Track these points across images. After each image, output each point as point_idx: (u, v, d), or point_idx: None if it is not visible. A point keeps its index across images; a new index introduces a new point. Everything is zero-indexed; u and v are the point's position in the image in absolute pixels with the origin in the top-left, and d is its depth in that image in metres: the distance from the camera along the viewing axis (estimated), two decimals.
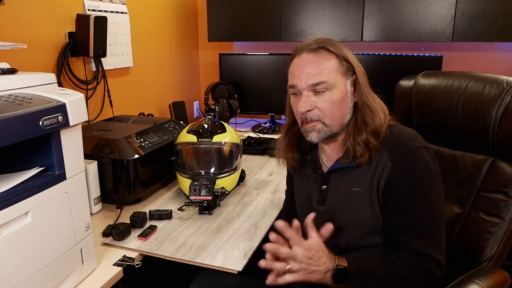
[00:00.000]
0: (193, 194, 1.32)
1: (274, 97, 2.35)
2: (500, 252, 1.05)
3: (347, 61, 0.97)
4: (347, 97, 0.98)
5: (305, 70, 0.98)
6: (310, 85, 0.97)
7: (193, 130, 1.47)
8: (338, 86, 0.97)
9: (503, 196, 1.06)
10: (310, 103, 0.97)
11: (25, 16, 1.43)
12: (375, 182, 0.96)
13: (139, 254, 1.12)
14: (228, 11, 2.31)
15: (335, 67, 0.97)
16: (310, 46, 0.99)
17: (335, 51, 0.97)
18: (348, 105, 0.99)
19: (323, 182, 1.06)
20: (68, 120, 0.88)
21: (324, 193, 1.06)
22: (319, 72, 0.96)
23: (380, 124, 0.97)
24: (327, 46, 0.98)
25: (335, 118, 0.98)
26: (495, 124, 1.05)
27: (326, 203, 1.05)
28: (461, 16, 1.91)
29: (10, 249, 0.79)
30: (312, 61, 0.98)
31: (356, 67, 0.98)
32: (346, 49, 1.00)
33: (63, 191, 0.91)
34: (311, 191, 1.09)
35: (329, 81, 0.96)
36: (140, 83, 2.13)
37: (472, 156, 1.13)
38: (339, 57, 0.97)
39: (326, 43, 0.99)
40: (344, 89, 0.97)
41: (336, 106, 0.97)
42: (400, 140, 0.96)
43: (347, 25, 2.10)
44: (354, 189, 0.99)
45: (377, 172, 0.95)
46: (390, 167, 0.94)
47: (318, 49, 0.98)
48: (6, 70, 0.90)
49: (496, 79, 1.09)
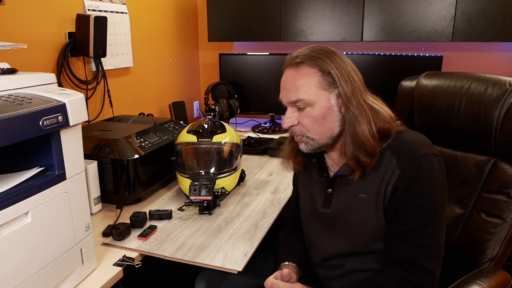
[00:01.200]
0: (193, 194, 1.31)
1: (274, 97, 2.31)
2: (501, 253, 1.05)
3: (330, 74, 0.94)
4: (331, 111, 0.96)
5: (286, 86, 1.00)
6: (289, 102, 0.99)
7: (193, 130, 1.47)
8: (319, 101, 0.95)
9: (504, 197, 1.06)
10: (292, 119, 1.00)
11: (25, 16, 1.43)
12: (382, 189, 0.95)
13: (139, 254, 1.12)
14: (228, 11, 2.31)
15: (315, 82, 0.95)
16: (293, 61, 0.98)
17: (317, 65, 0.95)
18: (334, 118, 0.97)
19: (328, 185, 1.06)
20: (68, 120, 0.88)
21: (329, 196, 1.05)
22: (297, 89, 0.96)
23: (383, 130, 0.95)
24: (308, 60, 0.95)
25: (319, 132, 0.98)
26: (497, 125, 1.05)
27: (331, 206, 1.04)
28: (461, 16, 1.91)
29: (10, 249, 0.79)
30: (291, 78, 0.98)
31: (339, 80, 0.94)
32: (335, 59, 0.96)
33: (63, 191, 0.91)
34: (316, 194, 1.09)
35: (307, 98, 0.95)
36: (140, 83, 2.12)
37: (474, 157, 1.13)
38: (321, 71, 0.95)
39: (309, 56, 0.96)
40: (327, 104, 0.95)
41: (318, 121, 0.97)
42: (409, 146, 0.95)
43: (347, 25, 2.10)
44: (360, 195, 0.98)
45: (385, 179, 0.94)
46: (398, 175, 0.92)
47: (299, 64, 0.97)
48: (6, 70, 0.90)
49: (499, 80, 1.08)
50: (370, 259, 1.00)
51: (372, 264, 1.00)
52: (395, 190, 0.93)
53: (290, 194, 1.50)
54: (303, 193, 1.16)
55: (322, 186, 1.07)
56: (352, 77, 0.96)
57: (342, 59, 0.97)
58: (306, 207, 1.13)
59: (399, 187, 0.92)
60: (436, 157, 0.94)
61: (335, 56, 0.97)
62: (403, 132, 0.99)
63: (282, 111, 1.04)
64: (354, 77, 0.96)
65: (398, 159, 0.93)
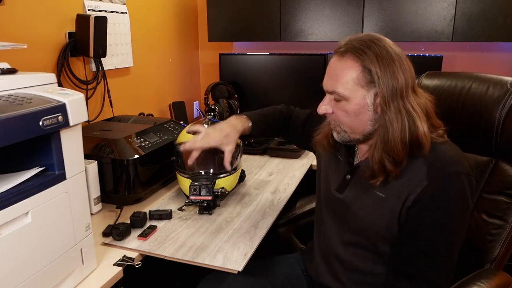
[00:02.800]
0: (193, 194, 1.31)
1: (274, 97, 2.35)
2: (502, 254, 1.04)
3: (371, 72, 0.89)
4: (365, 110, 0.92)
5: (328, 73, 0.97)
6: (327, 90, 0.97)
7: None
8: (354, 98, 0.92)
9: (506, 198, 1.06)
10: (327, 107, 0.98)
11: (25, 16, 1.43)
12: (404, 194, 0.91)
13: (139, 254, 1.12)
14: (228, 11, 2.31)
15: (353, 77, 0.91)
16: (340, 49, 0.93)
17: (360, 59, 0.90)
18: (367, 117, 0.93)
19: (349, 171, 1.04)
20: (68, 120, 0.88)
21: (346, 182, 1.04)
22: (336, 81, 0.93)
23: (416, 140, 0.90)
24: (353, 52, 0.90)
25: (351, 127, 0.96)
26: (499, 125, 1.04)
27: (344, 193, 1.03)
28: (461, 16, 1.91)
29: (10, 249, 0.79)
30: (334, 67, 0.95)
31: (379, 80, 0.88)
32: (382, 53, 0.89)
33: (63, 191, 0.91)
34: (335, 176, 1.08)
35: (343, 93, 0.92)
36: (140, 83, 2.12)
37: (475, 158, 1.13)
38: (363, 67, 0.90)
39: (355, 47, 0.91)
40: (362, 101, 0.92)
41: (351, 116, 0.94)
42: (443, 160, 0.90)
43: (347, 25, 2.10)
44: (377, 193, 0.96)
45: (410, 186, 0.90)
46: (425, 186, 0.89)
47: (344, 54, 0.92)
48: (6, 70, 0.89)
49: (500, 80, 1.08)
50: (374, 260, 1.00)
51: (376, 267, 1.00)
52: (417, 201, 0.90)
53: (290, 194, 1.51)
54: (321, 173, 1.16)
55: (343, 170, 1.06)
56: (396, 77, 0.89)
57: (391, 54, 0.90)
58: (321, 187, 1.14)
59: (422, 199, 0.89)
60: (468, 177, 0.90)
61: (384, 51, 0.90)
62: (441, 143, 0.94)
63: None
64: (399, 78, 0.89)
65: (429, 170, 0.89)
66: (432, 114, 0.95)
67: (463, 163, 0.91)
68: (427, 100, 0.95)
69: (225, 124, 1.21)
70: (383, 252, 0.98)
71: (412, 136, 0.89)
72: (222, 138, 1.17)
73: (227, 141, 1.18)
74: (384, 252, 0.98)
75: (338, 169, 1.08)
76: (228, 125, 1.20)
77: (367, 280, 1.01)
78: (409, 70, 0.92)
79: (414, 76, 0.94)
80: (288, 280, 1.18)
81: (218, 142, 1.17)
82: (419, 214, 0.90)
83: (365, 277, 1.02)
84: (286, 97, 2.29)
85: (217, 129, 1.19)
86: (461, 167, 0.90)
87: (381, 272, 1.00)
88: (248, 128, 1.24)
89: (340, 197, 1.04)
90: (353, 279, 1.04)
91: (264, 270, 1.20)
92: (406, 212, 0.92)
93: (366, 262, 1.01)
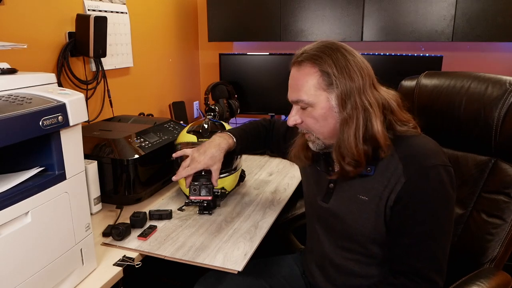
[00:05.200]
0: (193, 194, 1.31)
1: (274, 97, 2.35)
2: (502, 254, 1.04)
3: (328, 74, 0.91)
4: (332, 112, 0.94)
5: (290, 85, 0.99)
6: (292, 101, 0.99)
7: (193, 130, 1.47)
8: (319, 102, 0.94)
9: (505, 197, 1.06)
10: (296, 117, 1.00)
11: (25, 16, 1.43)
12: (385, 195, 0.92)
13: (139, 254, 1.12)
14: (228, 11, 2.31)
15: (314, 83, 0.93)
16: (297, 59, 0.96)
17: (317, 65, 0.93)
18: (335, 119, 0.94)
19: (331, 180, 1.05)
20: (68, 120, 0.88)
21: (330, 191, 1.04)
22: (298, 90, 0.96)
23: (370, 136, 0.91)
24: (309, 60, 0.93)
25: (323, 132, 0.97)
26: (498, 125, 1.04)
27: (330, 202, 1.04)
28: (461, 16, 1.91)
29: (10, 249, 0.79)
30: (294, 77, 0.98)
31: (336, 80, 0.91)
32: (337, 56, 0.92)
33: (63, 191, 0.91)
34: (318, 186, 1.08)
35: (307, 99, 0.94)
36: (140, 83, 2.12)
37: (474, 157, 1.13)
38: (320, 71, 0.92)
39: (311, 55, 0.93)
40: (327, 104, 0.93)
41: (320, 122, 0.96)
42: (418, 154, 0.91)
43: (347, 25, 2.10)
44: (360, 197, 0.96)
45: (389, 185, 0.91)
46: (403, 183, 0.89)
47: (301, 63, 0.95)
48: (6, 70, 0.90)
49: (499, 79, 1.08)
50: (367, 263, 1.00)
51: (370, 269, 1.00)
52: (398, 199, 0.90)
53: (290, 194, 1.51)
54: (305, 184, 1.17)
55: (325, 180, 1.06)
56: (351, 76, 0.91)
57: (346, 56, 0.93)
58: (307, 198, 1.15)
59: (403, 196, 0.89)
60: (446, 167, 0.89)
61: (338, 54, 0.93)
62: (414, 137, 0.95)
63: (282, 111, 1.05)
64: (354, 77, 0.91)
65: (405, 166, 0.90)
66: (397, 109, 0.95)
67: (439, 155, 0.91)
68: (391, 96, 0.96)
69: (208, 145, 1.23)
70: (375, 254, 0.98)
71: (367, 133, 0.91)
72: (207, 160, 1.20)
73: (213, 162, 1.21)
74: (376, 254, 0.98)
75: (320, 180, 1.08)
76: (213, 145, 1.22)
77: (362, 283, 1.01)
78: (366, 68, 0.95)
79: (371, 74, 0.96)
80: (286, 281, 1.19)
81: (204, 165, 1.21)
82: (403, 212, 0.91)
83: (360, 280, 1.02)
84: (286, 97, 2.28)
85: (201, 152, 1.22)
86: (437, 159, 0.90)
87: (376, 274, 1.00)
88: (233, 144, 1.26)
89: (327, 206, 1.04)
90: (348, 283, 1.04)
91: (262, 270, 1.20)
92: (390, 211, 0.92)
93: (360, 265, 1.01)
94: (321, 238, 1.09)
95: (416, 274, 0.90)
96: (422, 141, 0.94)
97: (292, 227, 1.52)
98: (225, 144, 1.23)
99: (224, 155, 1.23)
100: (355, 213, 0.97)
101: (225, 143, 1.24)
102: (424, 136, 0.97)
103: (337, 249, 1.04)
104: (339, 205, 1.02)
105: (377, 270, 0.99)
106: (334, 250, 1.05)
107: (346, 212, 1.00)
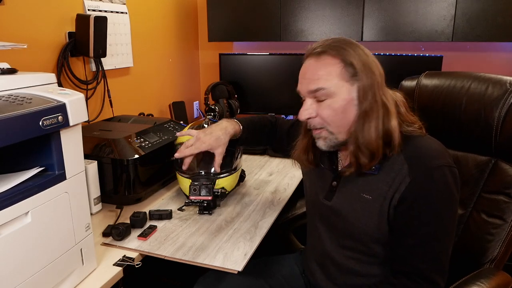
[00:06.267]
0: (193, 194, 1.31)
1: (274, 97, 2.35)
2: (502, 254, 1.05)
3: (353, 66, 0.91)
4: (351, 105, 0.92)
5: (306, 76, 0.96)
6: (309, 91, 0.95)
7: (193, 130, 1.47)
8: (340, 93, 0.92)
9: (505, 197, 1.06)
10: (310, 111, 0.96)
11: (25, 16, 1.43)
12: (390, 194, 0.91)
13: (139, 254, 1.12)
14: (228, 11, 2.31)
15: (336, 72, 0.92)
16: (314, 50, 0.95)
17: (339, 55, 0.92)
18: (353, 113, 0.93)
19: (334, 178, 1.04)
20: (68, 120, 0.88)
21: (333, 189, 1.04)
22: (318, 78, 0.93)
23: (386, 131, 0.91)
24: (331, 50, 0.93)
25: (339, 126, 0.95)
26: (498, 125, 1.04)
27: (333, 200, 1.03)
28: (461, 16, 1.91)
29: (10, 249, 0.79)
30: (313, 67, 0.95)
31: (361, 72, 0.91)
32: (358, 51, 0.93)
33: (63, 191, 0.91)
34: (321, 184, 1.08)
35: (328, 88, 0.92)
36: (140, 83, 2.12)
37: (474, 157, 1.13)
38: (344, 62, 0.92)
39: (332, 46, 0.93)
40: (348, 96, 0.92)
41: (338, 114, 0.93)
42: (423, 154, 0.91)
43: (347, 25, 2.10)
44: (364, 195, 0.96)
45: (394, 185, 0.91)
46: (408, 183, 0.89)
47: (321, 54, 0.94)
48: (6, 70, 0.89)
49: (499, 79, 1.08)
50: (369, 262, 1.00)
51: (371, 268, 1.00)
52: (403, 199, 0.90)
53: (290, 194, 1.51)
54: (307, 182, 1.16)
55: (328, 178, 1.06)
56: (373, 71, 0.92)
57: (365, 52, 0.94)
58: (309, 196, 1.14)
59: (407, 197, 0.89)
60: (451, 168, 0.89)
61: (358, 48, 0.94)
62: (420, 137, 0.95)
63: (282, 111, 1.04)
64: (375, 71, 0.93)
65: (410, 166, 0.90)
66: (404, 111, 0.96)
67: (444, 156, 0.91)
68: (397, 97, 0.97)
69: (215, 127, 1.22)
70: (377, 253, 0.98)
71: (384, 128, 0.91)
72: (212, 141, 1.19)
73: (217, 144, 1.20)
74: (378, 253, 0.98)
75: (323, 178, 1.08)
76: (219, 128, 1.22)
77: (363, 282, 1.01)
78: (379, 65, 0.96)
79: (383, 73, 0.97)
80: (285, 280, 1.19)
81: (208, 146, 1.20)
82: (407, 212, 0.90)
83: (361, 279, 1.02)
84: (286, 97, 2.29)
85: (207, 132, 1.21)
86: (442, 160, 0.90)
87: (377, 273, 1.00)
88: (239, 131, 1.25)
89: (329, 204, 1.04)
90: (349, 282, 1.04)
91: (262, 270, 1.20)
92: (394, 211, 0.92)
93: (362, 265, 1.01)
94: (322, 237, 1.09)
95: (418, 275, 0.90)
96: (427, 142, 0.95)
97: (292, 227, 1.52)
98: (232, 129, 1.23)
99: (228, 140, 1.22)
100: (358, 212, 0.97)
101: (232, 128, 1.23)
102: (430, 137, 0.97)
103: (339, 247, 1.04)
104: (342, 203, 1.01)
105: (379, 270, 0.99)
106: (335, 248, 1.05)
107: (349, 210, 0.99)
